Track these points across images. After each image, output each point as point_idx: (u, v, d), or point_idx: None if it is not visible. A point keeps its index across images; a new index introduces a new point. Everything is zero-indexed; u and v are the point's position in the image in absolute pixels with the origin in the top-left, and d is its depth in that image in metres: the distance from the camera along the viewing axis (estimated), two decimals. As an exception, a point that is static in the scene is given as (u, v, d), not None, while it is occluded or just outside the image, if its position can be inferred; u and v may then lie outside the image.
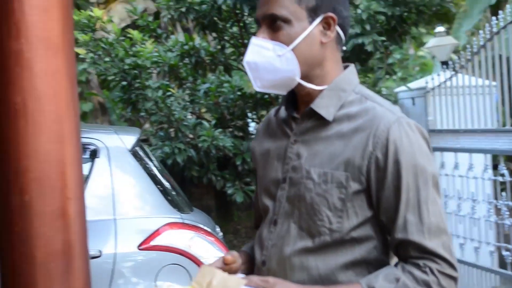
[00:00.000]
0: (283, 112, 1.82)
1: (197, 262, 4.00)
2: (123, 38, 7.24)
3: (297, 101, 1.78)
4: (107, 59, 7.16)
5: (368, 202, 1.65)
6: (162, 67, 7.43)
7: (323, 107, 1.68)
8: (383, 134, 1.60)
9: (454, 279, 1.63)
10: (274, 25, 1.66)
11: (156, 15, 11.47)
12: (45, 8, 1.36)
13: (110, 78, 7.24)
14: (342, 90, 1.70)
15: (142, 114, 7.35)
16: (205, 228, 4.22)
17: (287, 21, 1.65)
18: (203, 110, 8.08)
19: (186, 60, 7.54)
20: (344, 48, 1.99)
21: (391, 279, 1.59)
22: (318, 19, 1.67)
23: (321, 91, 1.71)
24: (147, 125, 8.99)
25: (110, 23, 7.36)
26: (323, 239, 1.65)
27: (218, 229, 4.98)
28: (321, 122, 1.69)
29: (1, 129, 1.35)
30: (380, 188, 1.63)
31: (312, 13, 1.66)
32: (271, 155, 1.78)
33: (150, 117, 7.33)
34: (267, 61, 1.65)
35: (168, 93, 7.31)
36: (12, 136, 1.34)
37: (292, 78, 1.67)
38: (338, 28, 1.71)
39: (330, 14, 1.69)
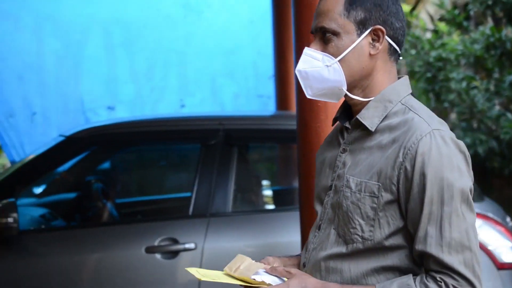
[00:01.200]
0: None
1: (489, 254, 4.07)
2: (431, 31, 7.50)
3: (351, 111, 1.83)
4: (413, 52, 7.51)
5: (400, 212, 1.68)
6: (468, 58, 7.55)
7: (368, 118, 1.73)
8: (413, 146, 1.64)
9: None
10: (324, 37, 1.74)
11: (465, 7, 11.48)
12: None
13: (416, 70, 7.57)
14: (388, 101, 1.74)
15: (446, 105, 7.56)
16: (494, 217, 4.31)
17: (336, 33, 1.72)
18: (509, 101, 8.01)
19: (492, 52, 7.55)
20: (401, 58, 1.91)
21: (404, 287, 1.64)
22: (367, 32, 1.72)
23: (368, 101, 1.76)
24: (453, 115, 9.17)
25: (416, 18, 7.69)
26: (355, 246, 1.71)
27: (508, 219, 5.06)
28: (366, 132, 1.75)
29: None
30: (408, 199, 1.65)
31: (361, 25, 1.72)
32: (325, 163, 1.86)
33: (453, 108, 7.52)
34: (316, 71, 1.74)
35: (472, 85, 7.42)
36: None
37: (339, 88, 1.74)
38: (389, 40, 1.74)
39: (379, 26, 1.72)
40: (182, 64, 6.61)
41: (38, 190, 4.84)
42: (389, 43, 1.74)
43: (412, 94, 1.80)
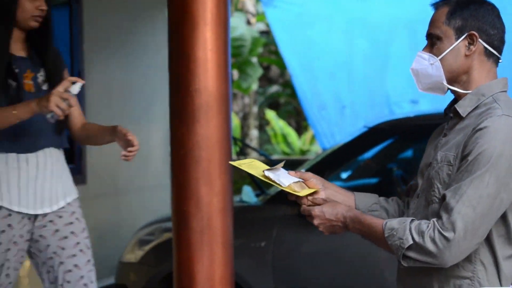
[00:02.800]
0: None
1: None
2: None
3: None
4: None
5: None
6: None
7: (463, 106, 2.07)
8: (481, 124, 1.96)
9: (448, 240, 1.88)
10: (432, 41, 2.11)
11: None
12: None
13: None
14: (482, 94, 2.06)
15: None
16: None
17: (439, 38, 2.09)
18: None
19: None
20: (501, 61, 2.09)
21: (401, 222, 1.97)
22: (463, 36, 2.06)
23: (467, 94, 2.09)
24: None
25: None
26: (434, 206, 2.02)
27: None
28: (460, 118, 2.08)
29: None
30: (461, 159, 1.97)
31: (459, 31, 2.07)
32: (431, 145, 2.21)
33: None
34: (423, 68, 2.12)
35: None
36: None
37: (441, 82, 2.10)
38: (483, 43, 2.07)
39: (473, 32, 2.05)
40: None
41: (345, 175, 5.43)
42: (484, 47, 2.07)
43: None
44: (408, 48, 6.75)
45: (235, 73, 12.84)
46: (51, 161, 2.75)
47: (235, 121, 11.68)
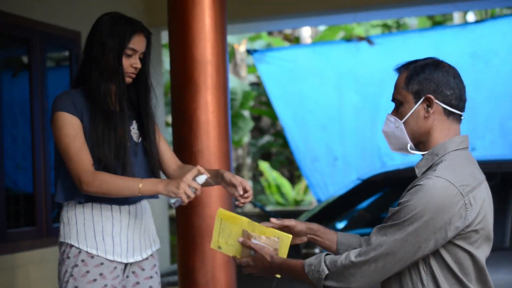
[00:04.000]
0: None
1: None
2: None
3: None
4: None
5: None
6: None
7: (419, 167, 2.22)
8: (419, 181, 2.13)
9: (358, 265, 2.09)
10: (396, 105, 2.26)
11: None
12: None
13: None
14: (436, 154, 2.20)
15: None
16: None
17: (401, 103, 2.24)
18: None
19: None
20: (463, 117, 2.24)
21: (317, 257, 2.19)
22: (421, 100, 2.20)
23: (424, 154, 2.23)
24: None
25: None
26: None
27: None
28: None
29: None
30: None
31: (416, 95, 2.21)
32: None
33: None
34: (391, 131, 2.27)
35: None
36: None
37: (406, 144, 2.25)
38: (441, 104, 2.20)
39: (429, 95, 2.18)
40: (472, 108, 6.93)
41: (340, 225, 5.59)
42: (443, 107, 2.20)
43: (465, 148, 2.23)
44: (397, 100, 6.95)
45: (228, 126, 13.03)
46: (141, 210, 2.79)
47: (229, 173, 11.82)
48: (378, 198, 5.05)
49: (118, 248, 2.71)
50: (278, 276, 2.31)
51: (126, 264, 2.75)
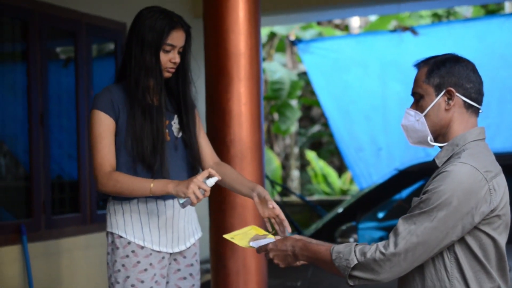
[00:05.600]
0: None
1: None
2: None
3: None
4: None
5: None
6: None
7: (439, 157, 2.28)
8: (443, 168, 2.18)
9: (387, 257, 2.11)
10: (416, 99, 2.31)
11: None
12: None
13: None
14: (456, 145, 2.25)
15: None
16: None
17: (421, 96, 2.28)
18: None
19: None
20: (480, 111, 2.28)
21: (347, 245, 2.21)
22: (442, 93, 2.25)
23: (444, 145, 2.27)
24: None
25: None
26: None
27: None
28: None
29: None
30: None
31: (437, 88, 2.25)
32: None
33: None
34: (411, 124, 2.31)
35: None
36: None
37: (426, 136, 2.29)
38: (461, 97, 2.26)
39: (450, 88, 2.24)
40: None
41: (381, 214, 5.60)
42: (463, 100, 2.26)
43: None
44: (441, 90, 6.89)
45: (275, 116, 13.11)
46: None
47: (276, 162, 11.90)
48: (418, 188, 5.04)
49: (164, 239, 2.78)
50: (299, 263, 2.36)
51: (171, 253, 2.83)
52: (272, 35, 13.06)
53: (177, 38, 2.74)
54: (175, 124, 2.83)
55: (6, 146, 5.00)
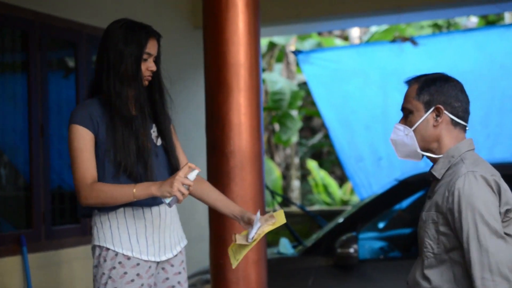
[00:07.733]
0: None
1: None
2: None
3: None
4: None
5: (455, 234, 2.26)
6: None
7: (437, 170, 2.36)
8: (453, 185, 2.25)
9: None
10: (405, 114, 2.42)
11: None
12: None
13: None
14: (451, 156, 2.34)
15: None
16: None
17: (411, 111, 2.39)
18: None
19: None
20: (467, 128, 2.40)
21: None
22: (431, 109, 2.36)
23: (439, 158, 2.36)
24: None
25: None
26: (429, 261, 2.32)
27: None
28: (437, 180, 2.35)
29: None
30: (454, 223, 2.24)
31: (427, 105, 2.36)
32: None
33: None
34: (400, 139, 2.41)
35: None
36: None
37: (416, 150, 2.38)
38: (449, 114, 2.36)
39: (439, 105, 2.35)
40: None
41: (382, 224, 5.61)
42: (450, 117, 2.37)
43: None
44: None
45: (276, 126, 13.12)
46: (169, 209, 2.87)
47: (277, 172, 11.90)
48: (417, 199, 5.04)
49: (152, 248, 2.80)
50: None
51: (158, 262, 2.84)
52: (272, 46, 13.10)
53: (152, 46, 2.80)
54: (154, 132, 2.87)
55: (6, 156, 5.01)
